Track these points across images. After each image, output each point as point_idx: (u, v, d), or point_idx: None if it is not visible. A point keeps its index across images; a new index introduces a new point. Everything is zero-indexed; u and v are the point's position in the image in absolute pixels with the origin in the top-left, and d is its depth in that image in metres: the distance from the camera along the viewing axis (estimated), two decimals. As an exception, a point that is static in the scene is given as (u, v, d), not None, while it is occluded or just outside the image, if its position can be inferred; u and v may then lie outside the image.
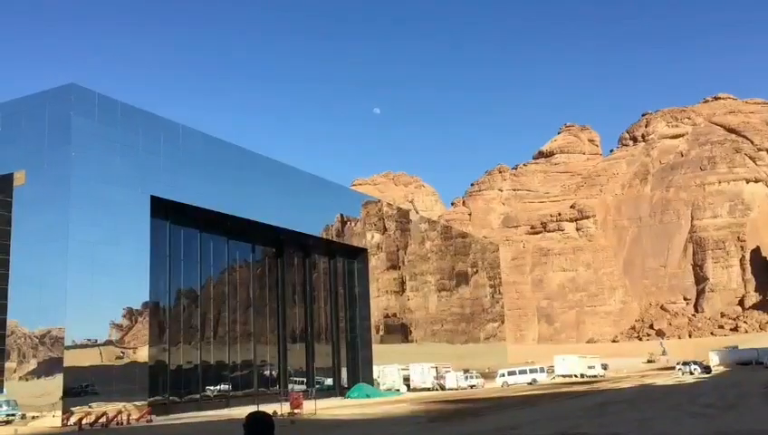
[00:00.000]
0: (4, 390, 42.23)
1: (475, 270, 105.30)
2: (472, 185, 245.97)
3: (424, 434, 30.21)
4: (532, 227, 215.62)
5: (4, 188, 44.77)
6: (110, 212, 44.74)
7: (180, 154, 51.76)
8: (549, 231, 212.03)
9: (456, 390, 72.17)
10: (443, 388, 73.34)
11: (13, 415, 40.03)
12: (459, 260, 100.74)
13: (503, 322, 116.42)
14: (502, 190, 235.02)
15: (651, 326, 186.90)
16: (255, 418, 5.63)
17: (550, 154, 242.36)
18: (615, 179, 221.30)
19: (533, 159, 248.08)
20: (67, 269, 41.89)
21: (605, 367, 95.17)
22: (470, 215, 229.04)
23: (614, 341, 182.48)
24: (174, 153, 51.13)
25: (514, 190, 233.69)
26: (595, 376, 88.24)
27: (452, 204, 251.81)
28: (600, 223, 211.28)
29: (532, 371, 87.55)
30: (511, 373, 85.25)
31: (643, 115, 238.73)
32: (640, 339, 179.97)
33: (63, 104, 44.49)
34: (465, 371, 79.26)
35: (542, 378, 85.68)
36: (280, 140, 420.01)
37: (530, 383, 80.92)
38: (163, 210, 49.69)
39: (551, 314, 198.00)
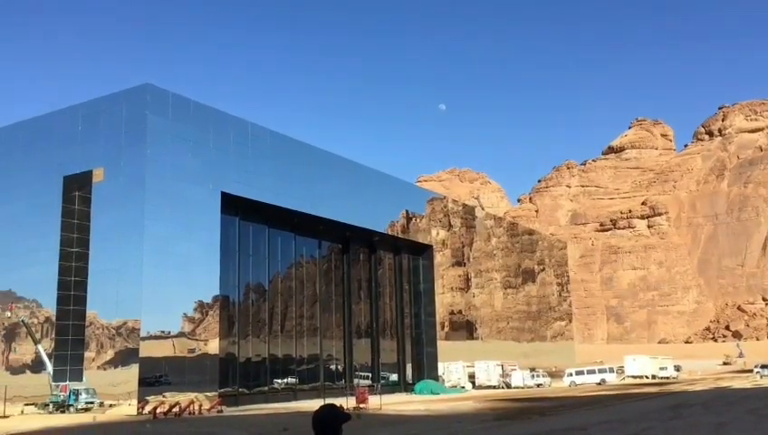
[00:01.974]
0: (84, 378, 44.03)
1: (541, 268, 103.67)
2: (539, 181, 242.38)
3: (490, 432, 29.94)
4: (602, 225, 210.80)
5: (84, 184, 46.64)
6: (182, 208, 46.05)
7: (249, 151, 52.83)
8: (619, 228, 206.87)
9: (522, 388, 71.27)
10: (508, 386, 72.56)
11: (92, 403, 41.75)
12: (525, 257, 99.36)
13: (570, 320, 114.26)
14: (570, 187, 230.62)
15: (727, 327, 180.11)
16: (319, 414, 5.59)
17: (620, 149, 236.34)
18: (689, 175, 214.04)
19: (603, 154, 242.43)
20: (142, 263, 43.32)
21: (678, 369, 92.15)
22: (537, 211, 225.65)
23: (687, 342, 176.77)
24: (243, 150, 52.24)
25: (583, 187, 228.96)
26: (667, 378, 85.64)
27: (518, 200, 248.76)
28: (673, 220, 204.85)
29: (600, 371, 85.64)
30: (579, 373, 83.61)
31: (720, 108, 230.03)
32: (715, 340, 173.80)
33: (139, 104, 46.04)
34: (532, 369, 78.17)
35: (612, 378, 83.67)
36: (346, 137, 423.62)
37: (598, 384, 79.18)
38: (233, 206, 50.84)
39: (620, 314, 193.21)
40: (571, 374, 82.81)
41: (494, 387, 72.11)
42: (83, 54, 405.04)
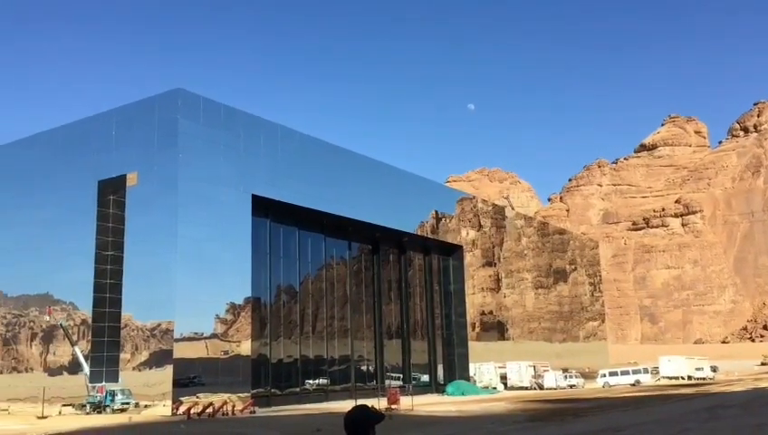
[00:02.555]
0: (120, 379, 44.72)
1: (573, 267, 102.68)
2: (569, 180, 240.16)
3: (523, 434, 29.74)
4: (634, 223, 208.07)
5: (119, 188, 47.40)
6: (214, 211, 46.56)
7: (279, 154, 53.22)
8: (652, 227, 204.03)
9: (555, 389, 70.61)
10: (541, 387, 71.95)
11: (127, 403, 42.40)
12: (557, 257, 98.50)
13: (603, 320, 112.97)
14: (601, 185, 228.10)
15: (765, 327, 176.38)
16: (351, 415, 5.56)
17: (653, 147, 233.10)
18: (724, 172, 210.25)
19: (635, 152, 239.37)
20: (175, 266, 43.89)
21: (714, 369, 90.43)
22: (568, 211, 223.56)
23: (724, 342, 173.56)
24: (273, 153, 52.65)
25: (614, 185, 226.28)
26: (703, 378, 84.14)
27: (549, 200, 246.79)
28: (707, 218, 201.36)
29: (635, 371, 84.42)
30: (612, 374, 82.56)
31: (755, 104, 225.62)
32: (753, 340, 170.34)
33: (171, 108, 46.66)
34: (565, 370, 77.38)
35: (646, 379, 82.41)
36: (375, 139, 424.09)
37: (633, 385, 78.09)
38: (263, 209, 51.25)
39: (654, 314, 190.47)
40: (604, 375, 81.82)
41: (527, 388, 71.55)
42: (99, 60, 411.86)
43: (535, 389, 71.35)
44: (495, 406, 46.43)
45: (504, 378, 73.22)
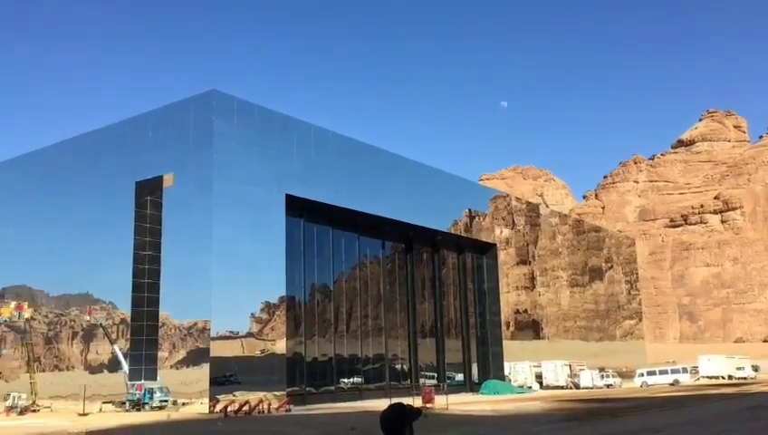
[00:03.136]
0: (158, 377, 45.46)
1: (609, 265, 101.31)
2: (605, 177, 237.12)
3: (558, 434, 29.47)
4: (672, 220, 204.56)
5: (155, 189, 48.16)
6: (248, 211, 47.01)
7: (313, 154, 53.53)
8: (690, 224, 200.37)
9: (592, 389, 69.83)
10: (577, 386, 71.23)
11: (166, 401, 43.10)
12: (592, 255, 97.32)
13: (640, 319, 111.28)
14: (637, 182, 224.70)
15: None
16: (387, 413, 5.54)
17: (690, 142, 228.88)
18: (765, 168, 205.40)
19: (672, 148, 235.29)
20: (211, 265, 44.42)
21: (756, 369, 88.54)
22: (603, 208, 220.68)
23: (765, 341, 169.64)
24: (307, 153, 52.97)
25: (651, 182, 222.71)
26: (744, 378, 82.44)
27: (584, 197, 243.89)
28: (747, 215, 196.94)
29: (673, 371, 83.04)
30: (650, 373, 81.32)
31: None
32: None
33: (206, 110, 47.25)
34: (601, 369, 76.47)
35: (685, 379, 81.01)
36: (408, 138, 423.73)
37: (671, 384, 76.84)
38: (297, 208, 51.60)
39: (693, 312, 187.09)
40: (642, 374, 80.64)
41: (562, 387, 70.92)
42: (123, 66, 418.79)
43: (571, 388, 70.66)
44: (531, 405, 46.09)
45: (539, 377, 72.68)
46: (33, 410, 46.35)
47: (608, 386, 72.47)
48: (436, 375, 65.58)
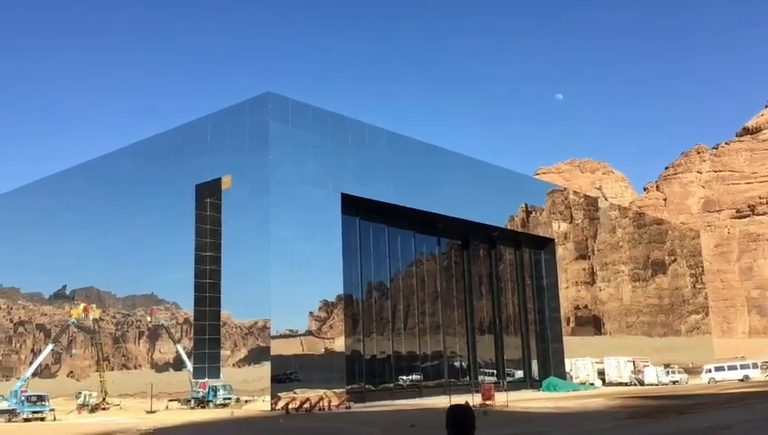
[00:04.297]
0: (221, 376, 46.47)
1: (672, 259, 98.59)
2: (666, 168, 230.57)
3: (624, 431, 28.83)
4: (738, 211, 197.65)
5: (215, 191, 49.22)
6: (305, 210, 47.58)
7: (367, 152, 53.78)
8: (758, 214, 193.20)
9: (657, 385, 68.15)
10: (641, 383, 69.61)
11: (229, 399, 44.06)
12: (654, 248, 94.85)
13: (707, 314, 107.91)
14: (701, 172, 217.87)
15: None
16: (456, 412, 5.49)
17: (757, 130, 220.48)
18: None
19: (737, 136, 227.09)
20: (270, 265, 45.13)
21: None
22: (665, 200, 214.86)
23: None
24: (361, 152, 53.26)
25: (715, 172, 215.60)
26: (820, 374, 79.07)
27: (644, 189, 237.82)
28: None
29: (743, 366, 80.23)
30: (718, 369, 78.77)
31: None
32: None
33: (261, 112, 48.03)
34: (666, 365, 74.52)
35: (756, 375, 78.19)
36: (463, 134, 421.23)
37: (741, 380, 74.28)
38: (353, 207, 51.92)
39: (763, 306, 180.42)
40: (709, 371, 78.18)
41: (626, 384, 69.44)
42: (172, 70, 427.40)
43: (635, 385, 69.14)
44: (593, 402, 45.27)
45: (601, 374, 71.31)
46: (104, 408, 48.05)
47: (674, 382, 70.63)
48: (495, 372, 65.10)
